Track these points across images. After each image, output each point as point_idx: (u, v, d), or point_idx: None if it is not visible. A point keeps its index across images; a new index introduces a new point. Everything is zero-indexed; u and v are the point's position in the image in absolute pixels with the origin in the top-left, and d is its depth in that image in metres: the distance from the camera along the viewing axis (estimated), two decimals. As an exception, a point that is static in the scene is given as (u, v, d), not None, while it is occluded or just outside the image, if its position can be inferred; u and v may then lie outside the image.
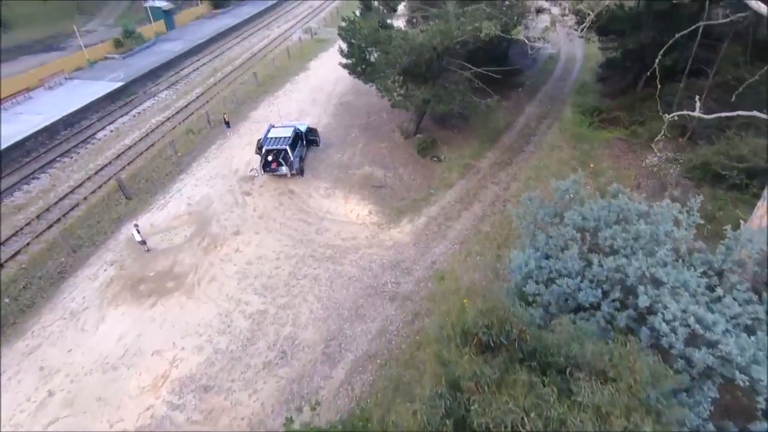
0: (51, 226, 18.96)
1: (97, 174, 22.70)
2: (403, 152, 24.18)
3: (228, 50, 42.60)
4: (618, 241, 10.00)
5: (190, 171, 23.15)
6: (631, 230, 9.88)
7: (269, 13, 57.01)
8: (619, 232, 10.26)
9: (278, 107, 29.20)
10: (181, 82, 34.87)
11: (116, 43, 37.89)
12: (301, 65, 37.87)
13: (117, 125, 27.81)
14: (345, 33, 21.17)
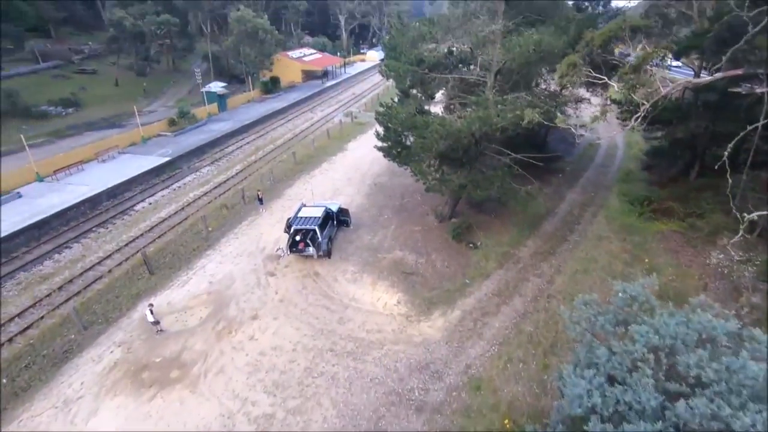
0: (69, 299, 18.41)
1: (127, 246, 22.60)
2: (436, 237, 22.93)
3: (272, 131, 44.81)
4: (708, 372, 7.89)
5: (218, 247, 22.69)
6: (724, 362, 7.80)
7: (315, 98, 60.88)
8: (707, 359, 8.18)
9: (313, 186, 29.28)
10: (224, 158, 36.28)
11: (170, 122, 40.65)
12: (339, 146, 38.89)
13: (156, 198, 28.49)
14: (382, 117, 21.25)
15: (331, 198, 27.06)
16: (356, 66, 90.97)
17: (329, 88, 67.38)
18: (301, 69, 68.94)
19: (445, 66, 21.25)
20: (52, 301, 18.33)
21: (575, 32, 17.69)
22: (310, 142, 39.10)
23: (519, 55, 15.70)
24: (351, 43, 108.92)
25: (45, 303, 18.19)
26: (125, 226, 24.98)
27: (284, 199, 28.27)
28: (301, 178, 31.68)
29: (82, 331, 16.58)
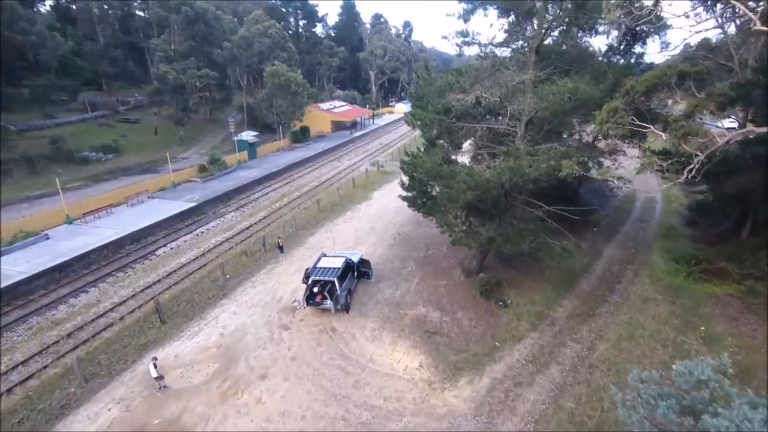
0: (77, 347, 17.67)
1: (143, 292, 22.06)
2: (463, 293, 21.38)
3: (298, 178, 45.21)
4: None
5: (233, 296, 21.84)
6: None
7: (342, 148, 61.95)
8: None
9: (335, 234, 28.55)
10: (249, 205, 36.39)
11: (201, 168, 41.64)
12: (364, 194, 38.54)
13: (179, 243, 28.33)
14: (407, 166, 20.61)
15: (353, 247, 26.15)
16: (384, 117, 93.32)
17: (357, 138, 68.70)
18: (330, 120, 70.98)
19: (472, 116, 20.71)
20: (58, 348, 17.63)
21: (612, 80, 16.89)
22: (335, 190, 38.97)
23: (553, 104, 14.93)
24: (380, 97, 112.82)
25: (51, 351, 17.50)
26: (144, 271, 24.63)
27: (305, 247, 27.55)
28: (324, 226, 31.09)
29: (83, 384, 15.63)
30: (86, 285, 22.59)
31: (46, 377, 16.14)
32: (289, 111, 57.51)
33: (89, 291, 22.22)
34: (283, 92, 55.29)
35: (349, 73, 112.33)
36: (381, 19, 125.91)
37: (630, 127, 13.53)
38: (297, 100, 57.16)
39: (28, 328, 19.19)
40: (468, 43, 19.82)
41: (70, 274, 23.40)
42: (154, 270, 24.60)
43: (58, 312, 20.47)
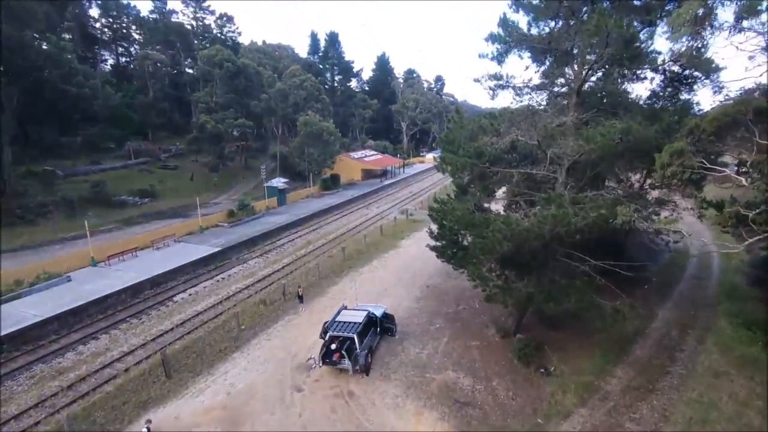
0: (75, 401, 16.36)
1: (153, 341, 20.87)
2: (498, 356, 18.97)
3: (325, 225, 44.48)
4: None
5: (246, 349, 20.25)
6: None
7: (372, 195, 61.56)
8: None
9: (359, 284, 26.92)
10: (274, 251, 35.57)
11: (229, 213, 41.71)
12: (391, 243, 37.10)
13: (198, 289, 27.42)
14: (436, 214, 19.19)
15: (378, 299, 24.34)
16: (415, 167, 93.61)
17: (387, 186, 68.43)
18: (361, 168, 71.45)
19: (507, 161, 19.35)
20: (55, 402, 16.36)
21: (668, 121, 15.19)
22: (362, 237, 37.77)
23: (601, 145, 13.35)
24: (411, 147, 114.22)
25: (47, 404, 16.24)
26: (159, 318, 23.59)
27: (327, 297, 25.98)
28: (349, 275, 29.57)
29: (71, 446, 14.13)
30: (98, 331, 21.66)
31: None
32: (320, 159, 58.21)
33: (100, 338, 21.24)
34: (314, 141, 56.24)
35: (382, 124, 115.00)
36: (413, 74, 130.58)
37: (698, 171, 11.69)
38: (328, 148, 57.94)
39: (31, 376, 18.15)
40: (502, 86, 18.90)
41: (84, 319, 22.65)
42: (169, 317, 23.52)
43: (65, 360, 19.43)
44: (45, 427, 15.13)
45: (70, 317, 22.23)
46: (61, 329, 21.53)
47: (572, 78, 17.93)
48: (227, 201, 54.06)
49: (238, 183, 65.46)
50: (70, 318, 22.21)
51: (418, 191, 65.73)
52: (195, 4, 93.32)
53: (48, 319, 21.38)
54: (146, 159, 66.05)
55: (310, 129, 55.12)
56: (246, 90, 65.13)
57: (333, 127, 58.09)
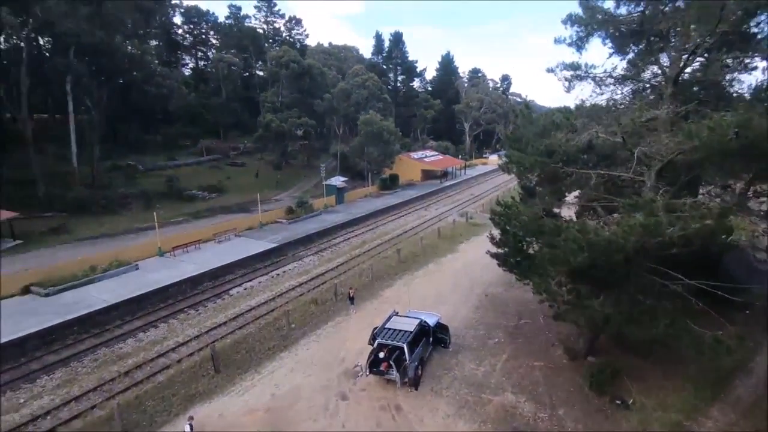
0: (128, 389, 16.73)
1: (207, 333, 21.11)
2: (566, 381, 16.83)
3: (382, 225, 43.71)
4: None
5: (294, 349, 19.79)
6: None
7: (431, 196, 60.01)
8: None
9: (413, 289, 25.70)
10: (329, 249, 35.35)
11: (288, 210, 42.31)
12: (449, 246, 35.45)
13: (253, 284, 27.69)
14: (499, 218, 17.48)
15: (431, 306, 22.93)
16: (477, 168, 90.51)
17: (447, 188, 66.49)
18: (420, 168, 70.07)
19: (583, 161, 17.14)
20: (112, 387, 16.85)
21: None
22: (419, 240, 36.47)
23: (706, 144, 11.01)
24: (474, 148, 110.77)
25: (105, 389, 16.75)
26: (214, 311, 23.97)
27: (379, 300, 25.02)
28: (403, 279, 28.44)
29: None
30: (158, 320, 22.37)
31: (90, 420, 15.16)
32: (379, 158, 57.74)
33: (159, 326, 21.89)
34: (374, 140, 55.82)
35: (444, 125, 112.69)
36: (479, 73, 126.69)
37: None
38: (388, 148, 57.29)
39: (94, 359, 18.98)
40: (580, 77, 16.78)
41: (147, 307, 23.54)
42: (224, 311, 23.80)
43: (125, 346, 20.16)
44: (100, 411, 15.54)
45: (134, 304, 23.22)
46: (125, 315, 22.49)
47: (667, 65, 15.40)
48: (288, 198, 55.21)
49: (300, 181, 66.88)
50: (134, 305, 23.19)
51: (480, 194, 63.11)
52: (266, 9, 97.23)
53: (114, 305, 22.45)
54: (217, 156, 69.61)
55: (370, 128, 54.79)
56: (310, 90, 66.45)
57: (393, 126, 57.36)
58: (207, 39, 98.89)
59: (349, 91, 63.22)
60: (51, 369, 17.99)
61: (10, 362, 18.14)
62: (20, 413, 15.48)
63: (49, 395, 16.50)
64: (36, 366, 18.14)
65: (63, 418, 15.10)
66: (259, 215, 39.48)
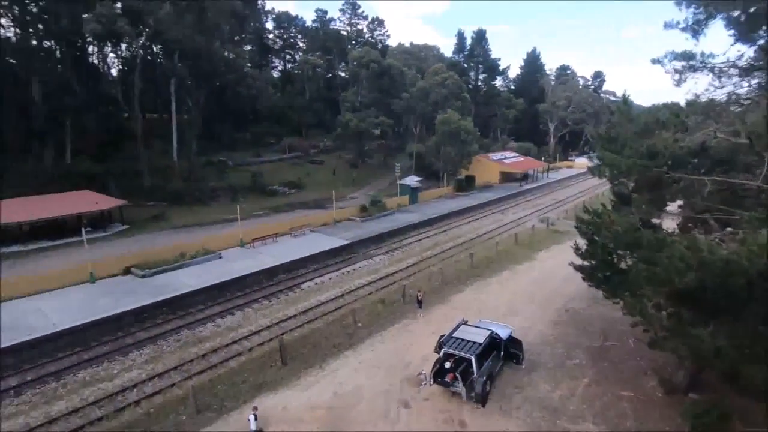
0: (204, 371, 17.69)
1: (278, 325, 21.77)
2: (660, 417, 14.65)
3: (455, 227, 42.44)
4: None
5: (359, 349, 19.62)
6: None
7: (509, 200, 57.30)
8: None
9: (485, 296, 24.36)
10: (399, 250, 35.00)
11: (362, 208, 42.72)
12: (526, 254, 33.29)
13: (324, 279, 28.19)
14: (586, 227, 15.70)
15: (503, 318, 21.51)
16: (561, 172, 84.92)
17: (527, 191, 63.05)
18: (499, 170, 67.26)
19: (695, 165, 14.76)
20: (190, 368, 17.94)
21: None
22: (494, 244, 34.73)
23: None
24: (558, 150, 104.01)
25: (184, 369, 17.89)
26: (286, 303, 24.71)
27: (448, 306, 24.07)
28: (474, 285, 27.15)
29: (194, 415, 15.07)
30: (235, 307, 23.57)
31: (169, 396, 16.23)
32: (456, 159, 56.29)
33: (235, 314, 23.04)
34: (451, 140, 54.50)
35: (526, 125, 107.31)
36: (567, 70, 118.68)
37: None
38: (465, 148, 55.63)
39: (177, 339, 20.43)
40: (693, 68, 14.45)
41: (226, 294, 24.94)
42: (294, 304, 24.44)
43: (205, 330, 21.47)
44: (178, 390, 16.58)
45: (215, 291, 24.72)
46: (207, 301, 24.02)
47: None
48: (363, 196, 55.94)
49: (376, 179, 67.61)
50: (215, 292, 24.69)
51: (563, 198, 58.92)
52: (351, 11, 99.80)
53: (199, 290, 24.08)
54: (298, 154, 72.89)
55: (447, 127, 53.57)
56: (389, 89, 66.79)
57: (471, 126, 55.55)
58: (295, 43, 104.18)
59: (427, 90, 62.45)
60: (141, 345, 19.66)
61: (110, 334, 20.18)
62: (113, 383, 17.05)
63: (138, 369, 18.00)
64: (130, 341, 19.96)
65: (146, 392, 16.33)
66: (334, 212, 40.33)
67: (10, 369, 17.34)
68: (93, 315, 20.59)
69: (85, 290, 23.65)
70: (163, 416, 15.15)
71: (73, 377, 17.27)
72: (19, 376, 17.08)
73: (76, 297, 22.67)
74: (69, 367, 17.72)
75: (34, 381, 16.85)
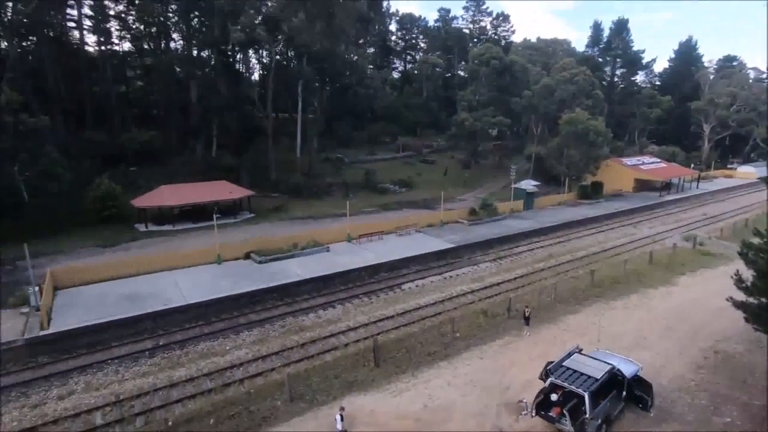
0: (302, 360, 18.32)
1: (375, 324, 21.70)
2: None
3: (575, 239, 38.24)
4: None
5: (455, 361, 18.46)
6: None
7: (643, 211, 50.03)
8: None
9: (606, 323, 21.18)
10: (508, 258, 32.62)
11: (471, 211, 40.97)
12: (664, 277, 28.36)
13: (425, 282, 27.50)
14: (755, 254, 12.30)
15: (629, 350, 18.36)
16: (717, 182, 71.59)
17: (668, 203, 54.30)
18: (634, 177, 59.15)
19: None
20: (290, 355, 18.73)
21: None
22: (622, 262, 30.27)
23: None
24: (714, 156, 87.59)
25: (284, 355, 18.75)
26: (385, 302, 24.59)
27: (560, 327, 21.48)
28: (593, 307, 23.87)
29: (287, 402, 15.58)
30: (336, 301, 24.19)
31: (269, 381, 17.08)
32: (581, 162, 50.88)
33: (336, 307, 23.62)
34: (577, 141, 49.35)
35: (672, 126, 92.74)
36: (734, 61, 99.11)
37: None
38: (593, 151, 49.94)
39: (282, 325, 21.61)
40: None
41: (330, 286, 25.79)
42: (393, 304, 24.18)
43: (307, 319, 22.36)
44: (277, 375, 17.38)
45: (320, 282, 25.73)
46: (312, 291, 25.12)
47: None
48: (473, 198, 53.90)
49: (488, 182, 64.74)
50: (320, 283, 25.70)
51: (717, 214, 49.27)
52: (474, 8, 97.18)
53: (306, 280, 25.29)
54: (411, 153, 73.34)
55: (573, 128, 48.60)
56: (509, 87, 63.27)
57: (603, 126, 49.56)
58: (416, 43, 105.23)
59: (552, 88, 57.54)
60: (251, 326, 21.23)
61: (227, 313, 22.22)
62: (224, 359, 18.62)
63: (246, 349, 19.42)
64: (243, 321, 21.72)
65: (250, 373, 17.44)
66: (441, 213, 39.37)
67: (147, 332, 20.10)
68: (217, 293, 22.87)
69: (212, 270, 26.53)
70: (261, 398, 15.93)
71: (194, 347, 19.30)
72: (153, 339, 19.69)
73: (204, 275, 25.52)
74: (192, 338, 19.88)
75: (164, 346, 19.23)
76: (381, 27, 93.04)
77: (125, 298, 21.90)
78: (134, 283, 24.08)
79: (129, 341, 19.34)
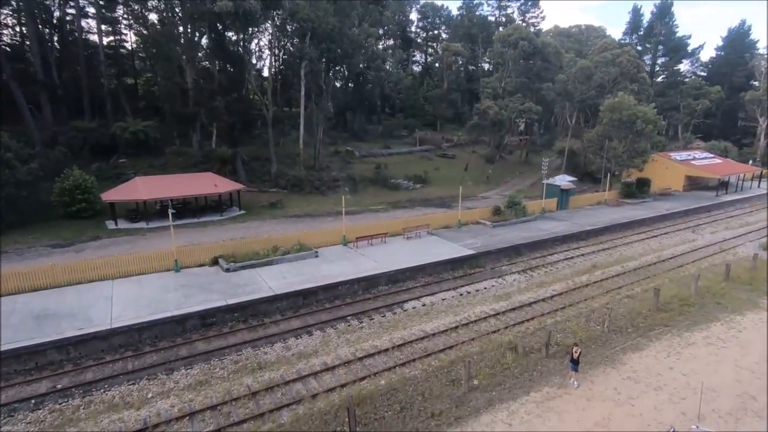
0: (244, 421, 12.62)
1: (360, 362, 15.86)
2: None
3: (623, 246, 31.43)
4: None
5: (471, 423, 12.45)
6: None
7: (700, 213, 42.57)
8: None
9: (687, 366, 14.70)
10: (542, 269, 26.21)
11: (495, 210, 34.62)
12: (749, 298, 21.67)
13: (435, 299, 21.50)
14: None
15: (735, 421, 11.96)
16: (779, 181, 62.45)
17: (728, 204, 46.55)
18: (685, 174, 51.40)
19: None
20: (232, 411, 13.05)
21: None
22: (690, 277, 23.57)
23: None
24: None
25: (224, 411, 13.05)
26: (380, 327, 18.68)
27: (621, 373, 15.15)
28: (663, 340, 17.43)
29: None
30: (314, 325, 18.43)
31: None
32: (624, 156, 43.64)
33: (313, 334, 17.82)
34: (622, 131, 42.22)
35: (720, 120, 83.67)
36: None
37: None
38: (640, 143, 42.63)
39: (235, 360, 15.74)
40: None
41: (311, 304, 20.25)
42: (390, 331, 18.26)
43: (270, 351, 16.45)
44: None
45: (299, 298, 20.12)
46: (286, 310, 19.53)
47: None
48: (497, 196, 47.39)
49: (514, 178, 58.02)
50: (299, 299, 20.10)
51: (793, 218, 41.26)
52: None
53: (279, 296, 19.60)
54: (429, 147, 67.16)
55: (618, 115, 41.48)
56: (539, 73, 56.33)
57: (654, 113, 42.18)
58: (438, 34, 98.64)
59: (590, 71, 50.31)
60: (192, 361, 15.62)
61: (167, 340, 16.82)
62: (139, 414, 13.08)
63: (174, 397, 13.82)
64: (184, 353, 16.23)
65: None
66: (459, 212, 33.18)
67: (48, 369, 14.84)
68: (157, 312, 17.50)
69: (165, 279, 21.16)
70: None
71: (102, 394, 13.85)
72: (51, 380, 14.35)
73: (151, 286, 20.15)
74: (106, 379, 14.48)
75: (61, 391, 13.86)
76: (401, 16, 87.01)
77: (33, 318, 16.69)
78: (57, 295, 18.86)
79: (17, 382, 14.07)
